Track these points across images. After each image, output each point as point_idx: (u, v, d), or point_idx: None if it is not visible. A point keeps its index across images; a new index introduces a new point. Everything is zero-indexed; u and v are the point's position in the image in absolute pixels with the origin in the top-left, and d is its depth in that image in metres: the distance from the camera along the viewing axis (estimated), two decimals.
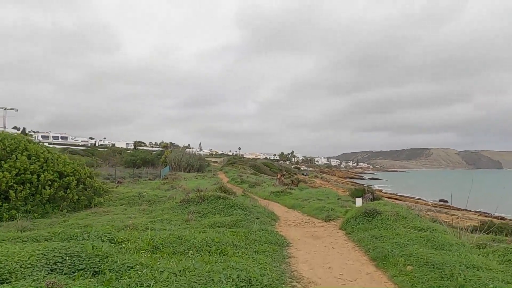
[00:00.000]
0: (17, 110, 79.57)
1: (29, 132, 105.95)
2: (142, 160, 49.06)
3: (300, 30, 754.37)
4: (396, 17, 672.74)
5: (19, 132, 66.77)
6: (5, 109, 75.70)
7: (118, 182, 27.30)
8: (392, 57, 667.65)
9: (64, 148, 59.53)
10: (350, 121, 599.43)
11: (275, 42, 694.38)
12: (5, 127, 67.63)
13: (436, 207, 55.77)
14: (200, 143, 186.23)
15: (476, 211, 53.77)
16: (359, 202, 12.96)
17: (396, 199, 57.13)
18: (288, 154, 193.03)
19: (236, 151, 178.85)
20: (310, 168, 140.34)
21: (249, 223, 9.33)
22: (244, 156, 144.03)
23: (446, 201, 63.90)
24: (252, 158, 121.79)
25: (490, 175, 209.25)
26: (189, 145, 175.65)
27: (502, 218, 46.53)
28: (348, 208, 11.85)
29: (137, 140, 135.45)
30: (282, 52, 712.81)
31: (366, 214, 9.56)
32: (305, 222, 11.39)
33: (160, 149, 79.81)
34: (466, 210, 53.65)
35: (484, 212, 52.85)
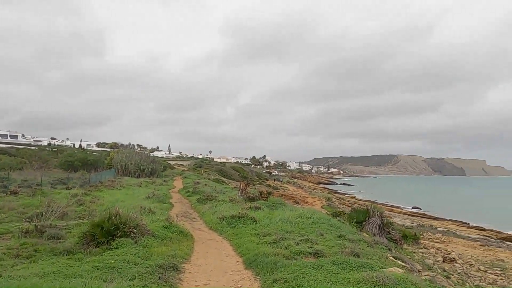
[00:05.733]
0: None
1: None
2: (81, 161, 40.39)
3: (285, 41, 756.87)
4: (378, 32, 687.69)
5: None
6: None
7: (11, 193, 19.24)
8: (371, 69, 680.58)
9: None
10: (324, 127, 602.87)
11: (259, 51, 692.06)
12: None
13: (413, 215, 51.27)
14: (169, 146, 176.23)
15: (452, 220, 49.90)
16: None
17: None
18: (260, 158, 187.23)
19: (206, 155, 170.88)
20: (282, 173, 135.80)
21: None
22: (215, 159, 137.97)
23: (419, 208, 60.83)
24: (222, 162, 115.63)
25: (455, 182, 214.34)
26: (157, 147, 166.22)
27: (499, 232, 42.18)
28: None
29: (113, 141, 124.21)
30: (265, 61, 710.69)
31: None
32: None
33: (107, 150, 70.55)
34: (442, 219, 49.93)
35: (462, 221, 49.01)
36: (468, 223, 46.71)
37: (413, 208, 61.18)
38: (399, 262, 7.15)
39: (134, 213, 8.80)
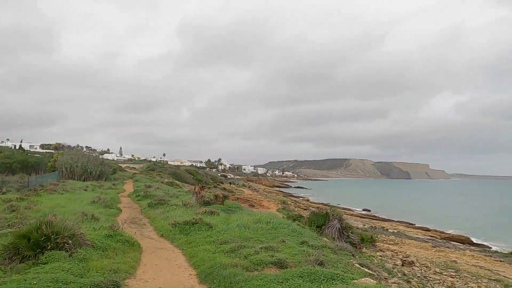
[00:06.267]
0: None
1: None
2: (20, 163, 37.11)
3: (242, 45, 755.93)
4: (332, 40, 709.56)
5: None
6: None
7: None
8: (324, 76, 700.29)
9: None
10: (279, 131, 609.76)
11: (217, 54, 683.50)
12: None
13: (364, 217, 52.78)
14: (120, 148, 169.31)
15: (400, 221, 52.04)
16: None
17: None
18: (215, 161, 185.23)
19: (160, 158, 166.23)
20: (237, 176, 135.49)
21: None
22: (169, 162, 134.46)
23: (369, 210, 63.01)
24: (176, 165, 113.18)
25: (401, 185, 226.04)
26: (108, 149, 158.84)
27: (442, 232, 44.43)
28: None
29: (58, 142, 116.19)
30: (222, 64, 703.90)
31: None
32: None
33: (52, 151, 66.13)
34: (391, 220, 51.97)
35: (408, 222, 51.28)
36: (414, 224, 48.82)
37: (363, 210, 62.82)
38: (366, 270, 6.70)
39: (72, 221, 7.65)
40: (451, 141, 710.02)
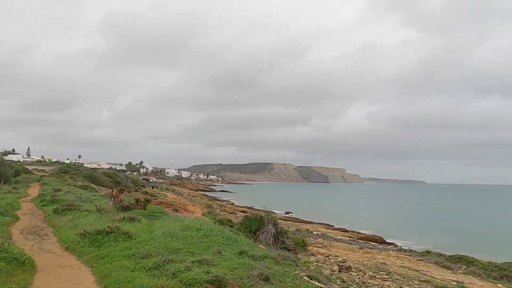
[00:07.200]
0: None
1: None
2: None
3: (170, 47, 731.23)
4: (259, 48, 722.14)
5: None
6: None
7: None
8: (250, 82, 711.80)
9: None
10: (204, 135, 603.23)
11: (141, 54, 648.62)
12: None
13: (287, 220, 53.71)
14: (28, 149, 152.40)
15: (320, 223, 54.01)
16: None
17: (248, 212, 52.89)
18: (137, 164, 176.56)
19: (75, 160, 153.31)
20: (161, 180, 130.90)
21: None
22: (85, 165, 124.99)
23: (292, 213, 64.67)
24: (93, 168, 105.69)
25: (320, 188, 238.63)
26: (13, 150, 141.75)
27: (359, 232, 46.77)
28: None
29: None
30: (147, 65, 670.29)
31: None
32: None
33: None
34: (312, 222, 53.76)
35: (328, 224, 53.47)
36: (333, 225, 50.84)
37: (286, 213, 63.80)
38: (317, 284, 5.80)
39: None
40: (365, 147, 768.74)
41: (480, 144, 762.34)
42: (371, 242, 36.36)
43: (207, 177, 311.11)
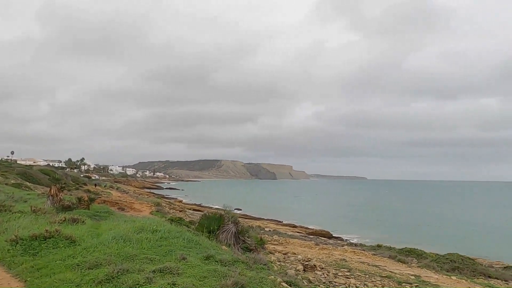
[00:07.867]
0: None
1: None
2: None
3: (116, 41, 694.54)
4: (208, 46, 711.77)
5: None
6: None
7: None
8: (199, 80, 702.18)
9: None
10: (151, 131, 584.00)
11: (84, 46, 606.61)
12: None
13: (239, 217, 53.48)
14: None
15: (269, 219, 54.41)
16: None
17: (198, 210, 51.97)
18: (78, 161, 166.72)
19: (7, 156, 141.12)
20: (104, 177, 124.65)
21: None
22: (18, 161, 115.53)
23: (241, 209, 64.50)
24: (28, 165, 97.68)
25: (268, 185, 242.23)
26: None
27: (307, 228, 47.50)
28: None
29: None
30: (91, 58, 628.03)
31: None
32: None
33: None
34: (261, 219, 54.01)
35: (276, 220, 54.01)
36: (282, 221, 51.29)
37: (235, 210, 63.54)
38: None
39: None
40: (311, 145, 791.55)
41: (417, 143, 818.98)
42: (321, 238, 36.88)
43: (154, 174, 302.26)
